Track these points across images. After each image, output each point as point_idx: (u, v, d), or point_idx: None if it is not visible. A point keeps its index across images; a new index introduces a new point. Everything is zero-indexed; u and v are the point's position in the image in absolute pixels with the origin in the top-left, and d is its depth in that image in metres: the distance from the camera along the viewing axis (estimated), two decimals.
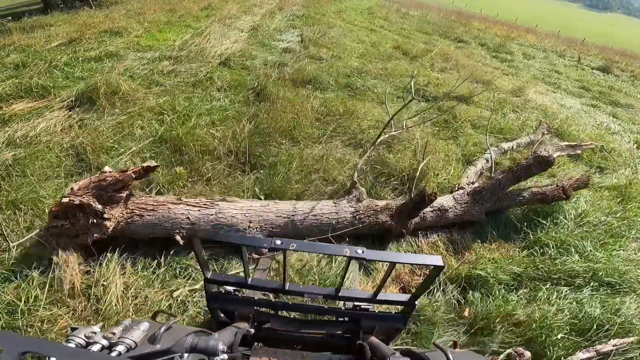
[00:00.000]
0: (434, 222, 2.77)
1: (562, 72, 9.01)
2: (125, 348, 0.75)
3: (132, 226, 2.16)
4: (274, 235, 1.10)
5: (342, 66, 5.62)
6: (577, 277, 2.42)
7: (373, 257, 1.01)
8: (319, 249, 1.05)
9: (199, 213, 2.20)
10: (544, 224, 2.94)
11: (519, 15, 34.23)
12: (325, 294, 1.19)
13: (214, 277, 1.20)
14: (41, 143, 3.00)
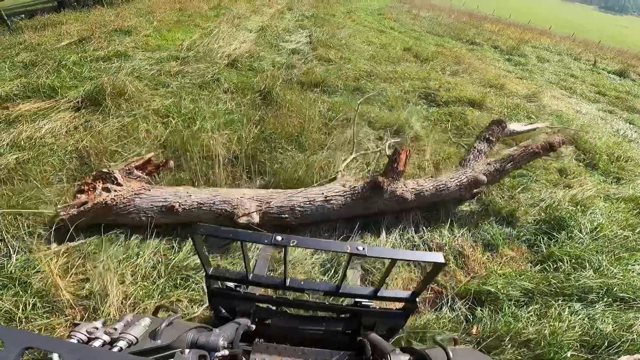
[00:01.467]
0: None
1: (577, 76, 8.75)
2: (127, 343, 0.75)
3: (138, 199, 2.35)
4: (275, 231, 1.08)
5: (351, 69, 5.52)
6: (590, 293, 2.33)
7: (374, 253, 1.01)
8: (319, 245, 1.06)
9: (199, 190, 2.45)
10: (557, 237, 2.83)
11: (531, 17, 33.58)
12: (326, 290, 1.19)
13: (215, 273, 1.20)
14: (45, 145, 2.97)
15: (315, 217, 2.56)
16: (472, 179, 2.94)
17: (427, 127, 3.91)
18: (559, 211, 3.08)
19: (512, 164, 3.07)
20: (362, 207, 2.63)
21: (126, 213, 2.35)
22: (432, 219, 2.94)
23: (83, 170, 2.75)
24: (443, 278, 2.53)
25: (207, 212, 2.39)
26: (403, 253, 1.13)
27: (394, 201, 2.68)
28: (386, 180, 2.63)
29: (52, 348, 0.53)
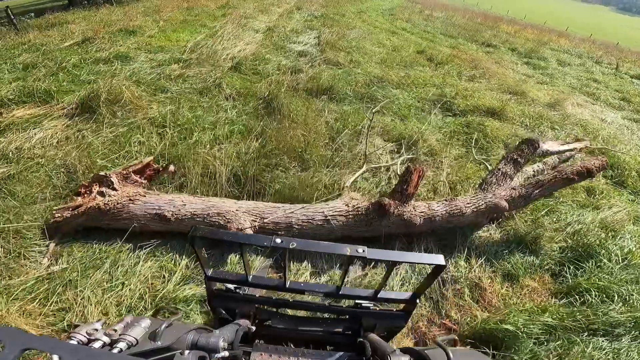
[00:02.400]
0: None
1: (600, 80, 8.28)
2: (127, 345, 0.74)
3: (132, 205, 2.31)
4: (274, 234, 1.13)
5: (361, 73, 5.23)
6: (618, 327, 2.15)
7: (374, 256, 1.02)
8: (319, 247, 1.06)
9: (194, 200, 2.38)
10: (585, 266, 2.59)
11: (547, 18, 32.62)
12: (326, 292, 1.20)
13: (215, 275, 1.20)
14: (34, 158, 2.79)
15: (314, 237, 2.35)
16: (491, 205, 2.63)
17: (442, 141, 3.61)
18: (587, 237, 2.82)
19: (541, 191, 2.76)
20: (364, 229, 2.43)
21: (120, 218, 2.28)
22: (446, 246, 2.67)
23: (70, 187, 2.55)
24: (457, 313, 2.31)
25: (199, 224, 2.27)
26: (403, 255, 1.11)
27: (401, 224, 2.44)
28: (393, 203, 2.39)
29: (52, 349, 0.53)
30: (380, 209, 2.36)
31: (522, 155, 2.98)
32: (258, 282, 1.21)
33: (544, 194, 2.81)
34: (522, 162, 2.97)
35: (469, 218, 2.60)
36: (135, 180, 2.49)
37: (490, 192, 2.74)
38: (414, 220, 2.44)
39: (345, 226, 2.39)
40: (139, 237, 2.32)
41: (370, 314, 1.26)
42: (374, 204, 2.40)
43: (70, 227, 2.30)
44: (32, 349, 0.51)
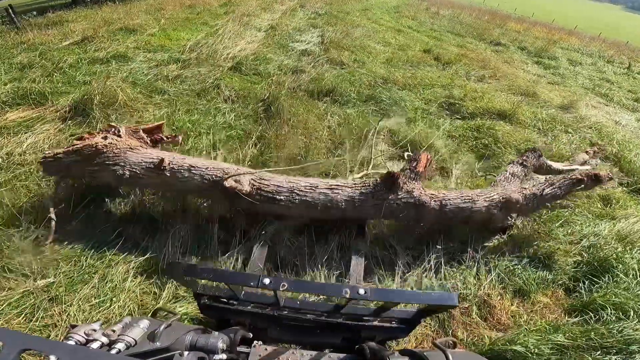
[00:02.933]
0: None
1: (612, 81, 8.01)
2: (125, 345, 0.74)
3: (130, 153, 2.21)
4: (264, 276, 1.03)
5: (365, 73, 5.06)
6: (632, 344, 2.01)
7: (378, 297, 0.98)
8: (314, 288, 1.06)
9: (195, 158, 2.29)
10: (600, 282, 2.47)
11: (555, 16, 31.97)
12: (325, 311, 1.16)
13: (204, 290, 1.18)
14: (24, 164, 2.68)
15: (316, 207, 2.18)
16: (504, 197, 2.49)
17: (451, 146, 3.44)
18: (602, 251, 2.68)
19: (552, 189, 2.64)
20: (371, 205, 2.24)
21: (111, 164, 2.17)
22: (454, 259, 2.52)
23: (59, 196, 2.43)
24: (463, 332, 2.18)
25: (196, 177, 2.16)
26: (412, 295, 1.06)
27: (410, 205, 2.27)
28: (402, 175, 2.27)
29: (51, 350, 0.53)
30: (389, 179, 2.22)
31: (527, 160, 2.92)
32: (250, 299, 1.19)
33: (556, 194, 2.67)
34: (528, 165, 2.90)
35: (481, 210, 2.44)
36: (142, 137, 2.45)
37: (501, 186, 2.61)
38: (424, 198, 2.27)
39: (350, 199, 2.21)
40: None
41: (369, 328, 1.23)
42: (382, 177, 2.27)
43: (60, 168, 2.24)
44: (31, 350, 0.51)
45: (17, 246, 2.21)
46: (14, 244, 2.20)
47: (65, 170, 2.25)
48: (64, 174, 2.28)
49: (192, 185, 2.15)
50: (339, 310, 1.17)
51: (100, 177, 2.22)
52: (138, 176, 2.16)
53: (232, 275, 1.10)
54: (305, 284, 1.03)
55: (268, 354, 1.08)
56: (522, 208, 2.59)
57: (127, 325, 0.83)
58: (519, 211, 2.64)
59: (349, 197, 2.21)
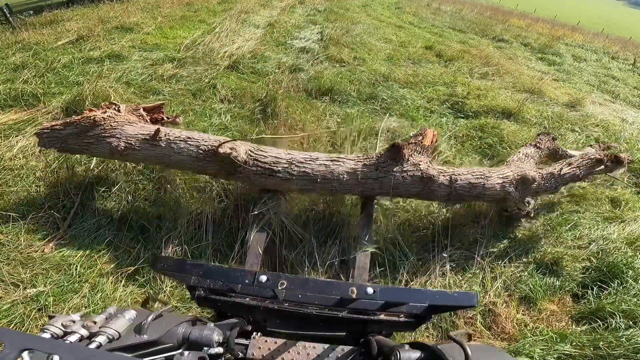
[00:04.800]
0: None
1: (618, 77, 7.86)
2: (107, 339, 0.69)
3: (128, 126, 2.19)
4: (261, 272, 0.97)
5: (365, 71, 4.94)
6: None
7: (388, 297, 0.93)
8: (316, 287, 0.95)
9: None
10: (609, 288, 2.40)
11: (558, 11, 31.61)
12: (329, 306, 1.11)
13: (198, 283, 1.12)
14: (14, 169, 2.60)
15: (316, 180, 2.08)
16: (519, 174, 2.36)
17: (455, 146, 3.33)
18: (612, 256, 2.61)
19: (570, 169, 2.54)
20: (375, 178, 2.11)
21: (107, 136, 2.14)
22: (459, 266, 2.44)
23: (49, 200, 2.35)
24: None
25: (191, 148, 2.10)
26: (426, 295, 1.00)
27: (416, 181, 2.14)
28: (408, 147, 2.15)
29: (52, 349, 0.52)
30: (393, 150, 2.10)
31: (541, 142, 2.81)
32: (248, 292, 1.14)
33: (574, 174, 2.57)
34: (542, 147, 2.78)
35: (495, 188, 2.30)
36: (142, 115, 2.45)
37: (514, 165, 2.49)
38: (431, 172, 2.13)
39: (352, 172, 2.09)
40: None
41: (376, 322, 1.17)
42: (386, 149, 2.15)
43: (56, 140, 2.21)
44: (32, 350, 0.50)
45: (7, 255, 2.14)
46: (2, 253, 2.14)
47: (61, 143, 2.20)
48: (60, 146, 2.23)
49: (187, 156, 2.09)
50: (344, 305, 1.11)
51: (95, 150, 2.19)
52: (133, 148, 2.12)
53: (224, 272, 1.02)
54: (306, 281, 0.93)
55: (268, 347, 1.03)
56: (539, 188, 2.46)
57: (111, 316, 0.77)
58: (535, 192, 2.49)
59: (350, 170, 2.09)
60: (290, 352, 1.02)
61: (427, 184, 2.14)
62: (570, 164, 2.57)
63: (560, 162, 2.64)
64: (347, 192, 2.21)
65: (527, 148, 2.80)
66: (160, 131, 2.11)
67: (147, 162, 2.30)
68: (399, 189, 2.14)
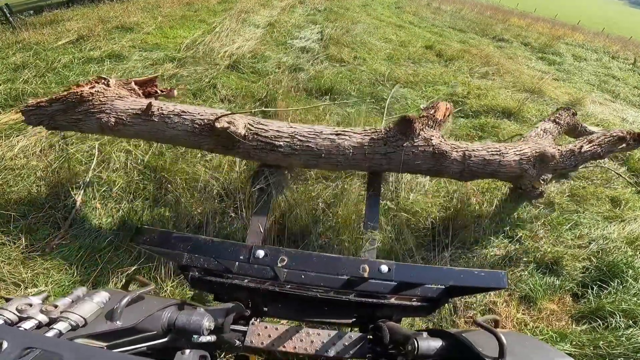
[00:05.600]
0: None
1: (618, 77, 7.86)
2: (69, 326, 0.60)
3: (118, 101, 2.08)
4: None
5: (366, 71, 4.94)
6: None
7: (405, 276, 0.84)
8: (321, 263, 0.83)
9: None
10: (609, 287, 2.41)
11: (558, 11, 31.59)
12: (336, 288, 1.00)
13: (191, 262, 1.03)
14: (15, 169, 2.60)
15: (320, 156, 1.94)
16: (537, 151, 2.23)
17: None
18: (612, 255, 2.62)
19: (591, 146, 2.44)
20: (384, 153, 1.98)
21: (96, 112, 2.02)
22: (460, 266, 2.44)
23: (50, 200, 2.35)
24: None
25: (186, 122, 1.98)
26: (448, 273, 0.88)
27: (427, 156, 2.00)
28: (419, 121, 2.02)
29: (54, 348, 0.50)
30: (404, 124, 1.95)
31: (560, 117, 2.65)
32: (246, 273, 1.04)
33: (595, 152, 2.47)
34: (561, 123, 2.63)
35: (511, 165, 2.18)
36: (133, 89, 2.32)
37: (532, 141, 2.35)
38: (444, 147, 2.00)
39: (359, 147, 1.95)
40: None
41: (386, 306, 1.07)
42: (396, 123, 2.01)
43: (43, 117, 2.12)
44: (34, 348, 0.49)
45: (8, 254, 2.15)
46: (3, 252, 2.14)
47: (48, 120, 2.11)
48: (48, 124, 2.14)
49: (182, 131, 1.95)
50: (352, 286, 1.01)
51: (85, 126, 2.07)
52: (124, 123, 1.99)
53: (217, 246, 0.89)
54: (310, 257, 0.81)
55: (268, 333, 0.95)
56: (557, 166, 2.34)
57: (77, 299, 0.68)
58: (553, 169, 2.37)
59: (357, 144, 1.95)
60: (292, 340, 0.94)
61: (438, 160, 2.00)
62: (591, 142, 2.43)
63: (580, 139, 2.50)
64: (353, 168, 2.07)
65: (545, 123, 2.62)
66: (153, 105, 1.98)
67: (139, 137, 2.18)
68: (409, 165, 2.01)
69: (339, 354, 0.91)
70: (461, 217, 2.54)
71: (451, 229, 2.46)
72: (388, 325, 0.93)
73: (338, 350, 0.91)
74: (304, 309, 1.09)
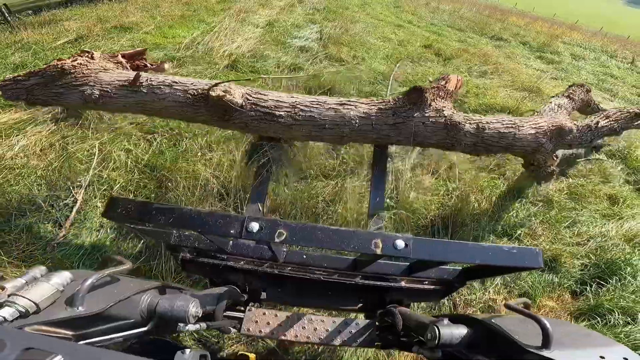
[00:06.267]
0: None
1: (616, 76, 7.90)
2: (16, 312, 0.53)
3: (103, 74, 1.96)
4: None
5: (365, 70, 4.95)
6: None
7: (424, 254, 0.70)
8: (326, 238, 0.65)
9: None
10: (607, 285, 2.44)
11: (556, 10, 31.69)
12: (341, 270, 0.91)
13: (180, 241, 0.91)
14: (15, 168, 2.61)
15: (323, 127, 1.83)
16: (554, 124, 2.18)
17: None
18: (610, 253, 2.65)
19: (608, 122, 2.43)
20: (392, 124, 1.86)
21: (79, 85, 1.89)
22: None
23: (51, 198, 2.36)
24: None
25: (178, 92, 1.85)
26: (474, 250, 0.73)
27: (439, 128, 1.90)
28: (430, 91, 1.94)
29: (54, 349, 0.47)
30: (414, 93, 1.86)
31: (574, 93, 2.63)
32: (241, 253, 0.95)
33: (612, 127, 2.47)
34: (575, 98, 2.60)
35: (527, 137, 2.11)
36: (120, 62, 2.18)
37: (548, 115, 2.30)
38: (456, 119, 1.90)
39: (365, 117, 1.84)
40: None
41: (394, 289, 0.98)
42: (405, 92, 1.93)
43: (21, 92, 2.01)
44: (34, 349, 0.47)
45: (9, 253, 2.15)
46: (4, 251, 2.14)
47: (26, 94, 1.99)
48: (26, 98, 2.02)
49: (173, 102, 1.82)
50: (359, 268, 0.90)
51: (66, 100, 1.95)
52: (109, 95, 1.85)
53: (202, 218, 0.73)
54: (313, 230, 0.65)
55: (266, 320, 0.86)
56: (573, 141, 2.30)
57: (32, 280, 0.59)
58: (569, 144, 2.34)
59: (364, 114, 1.84)
60: (293, 327, 0.86)
61: (451, 131, 1.90)
62: (608, 117, 2.42)
63: (597, 115, 2.49)
64: (359, 140, 1.96)
65: (559, 99, 2.58)
66: (142, 76, 1.87)
67: (127, 111, 2.01)
68: (419, 136, 1.90)
69: (345, 342, 0.84)
70: (460, 216, 2.56)
71: (450, 226, 2.48)
72: (400, 310, 0.86)
73: (344, 338, 0.84)
74: (305, 293, 1.00)
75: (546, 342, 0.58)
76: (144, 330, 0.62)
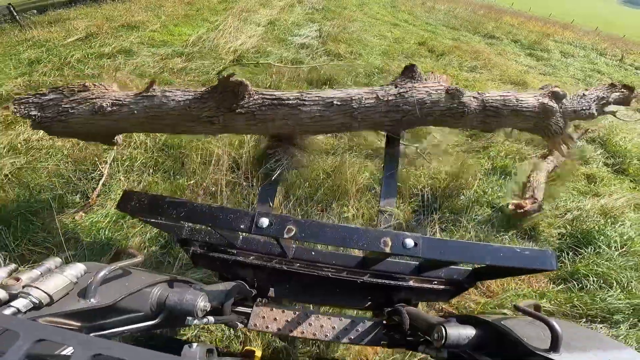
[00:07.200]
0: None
1: (604, 72, 8.22)
2: (30, 303, 0.54)
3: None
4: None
5: (362, 64, 5.24)
6: (616, 313, 2.21)
7: (434, 253, 0.69)
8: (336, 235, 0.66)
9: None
10: (583, 253, 2.65)
11: (552, 10, 32.10)
12: (350, 268, 0.90)
13: (191, 235, 0.94)
14: (42, 149, 2.85)
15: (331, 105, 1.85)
16: (547, 90, 2.28)
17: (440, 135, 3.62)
18: (586, 224, 2.88)
19: (593, 90, 2.69)
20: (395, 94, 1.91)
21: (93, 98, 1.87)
22: (446, 229, 2.71)
23: (77, 173, 2.62)
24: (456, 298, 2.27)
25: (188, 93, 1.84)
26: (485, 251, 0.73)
27: (442, 93, 1.96)
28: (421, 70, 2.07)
29: (66, 340, 0.49)
30: (408, 67, 2.02)
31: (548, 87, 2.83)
32: (251, 248, 0.97)
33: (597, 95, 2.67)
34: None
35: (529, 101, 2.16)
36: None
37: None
38: (455, 87, 1.97)
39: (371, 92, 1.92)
40: None
41: (402, 289, 0.98)
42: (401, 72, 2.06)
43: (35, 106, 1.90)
44: (46, 340, 0.47)
45: (42, 221, 2.39)
46: (38, 219, 2.38)
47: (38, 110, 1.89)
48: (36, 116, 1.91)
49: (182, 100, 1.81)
50: (368, 266, 0.91)
51: (77, 113, 1.88)
52: (121, 104, 1.85)
53: (214, 213, 0.75)
54: (322, 228, 0.67)
55: (273, 316, 0.86)
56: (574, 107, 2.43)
57: (47, 272, 0.60)
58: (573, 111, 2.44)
59: (369, 90, 1.93)
60: (300, 325, 0.85)
61: (454, 95, 1.95)
62: (591, 88, 2.69)
63: (581, 89, 2.71)
64: (369, 117, 1.94)
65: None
66: (155, 82, 1.87)
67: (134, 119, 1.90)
68: (425, 106, 1.92)
69: (352, 340, 0.84)
70: (449, 188, 2.81)
71: (439, 197, 2.73)
72: (408, 310, 0.86)
73: (350, 336, 0.83)
74: (313, 290, 1.00)
75: (555, 344, 0.57)
76: (153, 323, 0.64)
